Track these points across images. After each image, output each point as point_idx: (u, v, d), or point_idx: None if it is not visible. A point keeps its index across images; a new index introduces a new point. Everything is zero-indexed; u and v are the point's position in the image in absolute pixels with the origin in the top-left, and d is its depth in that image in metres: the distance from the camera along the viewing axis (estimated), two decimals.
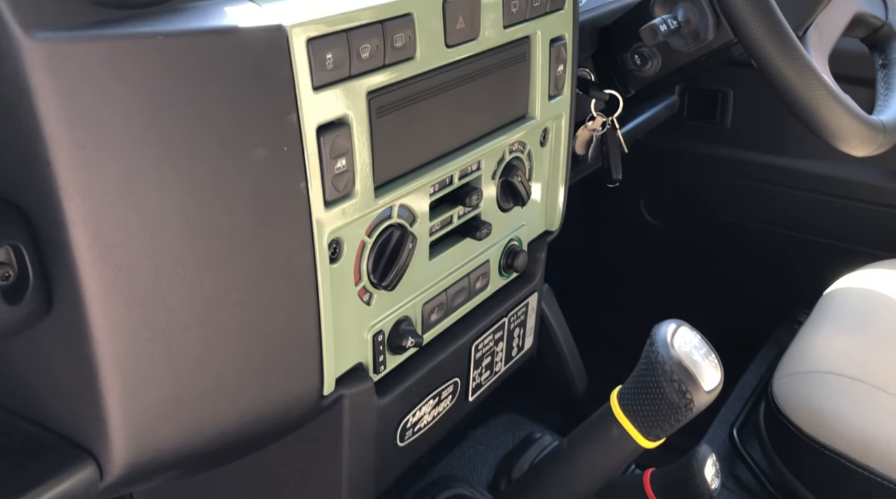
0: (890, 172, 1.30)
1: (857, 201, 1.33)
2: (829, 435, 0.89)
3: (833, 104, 0.83)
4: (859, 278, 1.15)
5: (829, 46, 1.00)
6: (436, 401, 0.73)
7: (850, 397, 0.91)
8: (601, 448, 0.65)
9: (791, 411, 0.93)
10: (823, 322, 1.06)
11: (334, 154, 0.54)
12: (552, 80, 0.76)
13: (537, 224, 0.83)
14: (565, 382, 1.08)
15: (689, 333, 0.61)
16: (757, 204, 1.45)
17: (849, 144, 0.89)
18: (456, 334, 0.73)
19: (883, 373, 0.95)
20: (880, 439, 0.88)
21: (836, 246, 1.33)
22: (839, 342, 1.00)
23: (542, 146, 0.79)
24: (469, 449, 0.96)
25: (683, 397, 0.58)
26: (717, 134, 1.45)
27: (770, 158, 1.42)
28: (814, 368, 0.96)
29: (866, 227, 1.34)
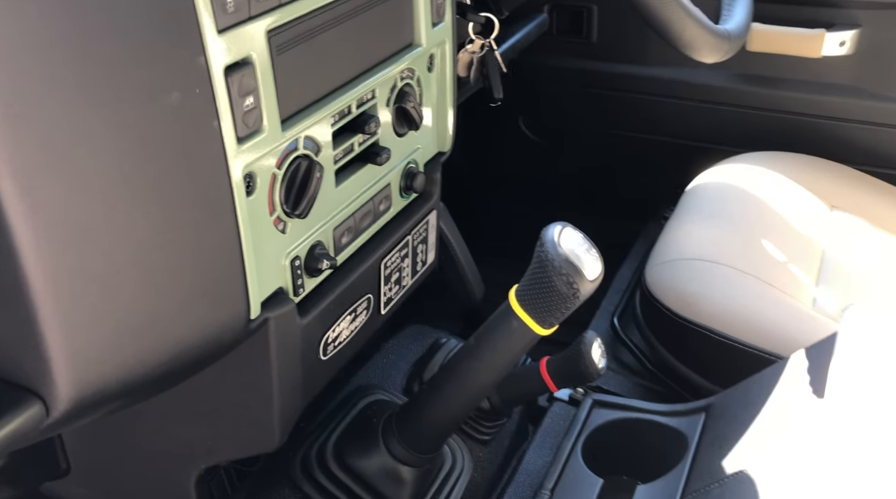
0: (737, 76, 1.43)
1: (712, 104, 1.46)
2: (697, 313, 1.02)
3: (685, 18, 0.92)
4: (716, 174, 1.29)
5: None
6: (352, 316, 0.80)
7: (711, 279, 1.05)
8: (504, 340, 0.73)
9: (662, 296, 1.06)
10: (686, 215, 1.19)
11: (242, 92, 0.57)
12: (434, 8, 0.80)
13: (431, 146, 0.88)
14: (465, 291, 1.17)
15: (573, 233, 0.69)
16: (624, 112, 1.56)
17: (700, 53, 0.98)
18: (366, 254, 0.79)
19: (738, 256, 1.08)
20: (737, 313, 1.01)
21: (696, 146, 1.46)
22: (700, 231, 1.13)
23: (429, 72, 0.84)
24: (382, 360, 1.03)
25: (571, 287, 0.66)
26: (585, 48, 1.54)
27: (634, 68, 1.52)
28: (680, 257, 1.09)
29: (721, 126, 1.48)
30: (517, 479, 0.94)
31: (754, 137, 1.41)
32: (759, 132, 1.42)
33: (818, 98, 1.38)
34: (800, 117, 1.41)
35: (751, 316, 1.00)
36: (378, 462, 0.83)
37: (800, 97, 1.39)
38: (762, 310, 1.01)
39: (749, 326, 0.99)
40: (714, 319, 1.01)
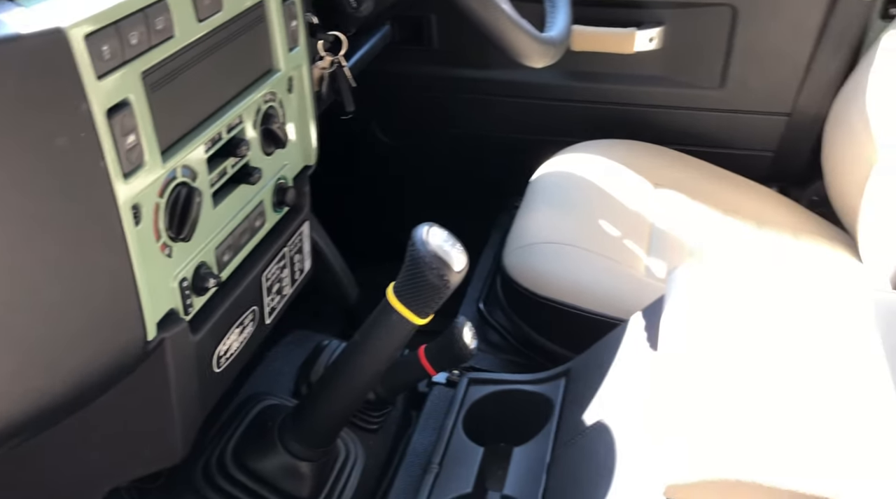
0: (566, 73, 1.58)
1: (546, 100, 1.60)
2: (550, 290, 1.15)
3: (515, 30, 1.04)
4: (555, 164, 1.42)
5: None
6: (240, 329, 0.85)
7: (560, 258, 1.17)
8: (386, 334, 0.81)
9: (520, 278, 1.17)
10: (532, 204, 1.32)
11: (124, 132, 0.61)
12: (289, 35, 0.86)
13: (298, 161, 0.95)
14: (341, 294, 1.24)
15: (438, 231, 0.78)
16: (469, 113, 1.68)
17: (531, 60, 1.10)
18: (247, 269, 0.84)
19: (581, 236, 1.22)
20: (585, 286, 1.15)
21: (537, 139, 1.60)
22: (546, 217, 1.26)
23: (289, 93, 0.90)
24: (268, 367, 1.08)
25: (442, 279, 0.75)
26: (428, 55, 1.64)
27: (474, 71, 1.64)
28: (532, 241, 1.21)
29: (556, 120, 1.62)
30: (407, 460, 1.02)
31: (586, 128, 1.56)
32: (590, 123, 1.58)
33: (636, 89, 1.55)
34: (623, 107, 1.58)
35: (596, 288, 1.13)
36: (277, 461, 0.89)
37: (620, 89, 1.56)
38: (605, 281, 1.15)
39: (595, 296, 1.13)
40: (566, 294, 1.13)
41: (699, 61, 1.51)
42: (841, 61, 1.44)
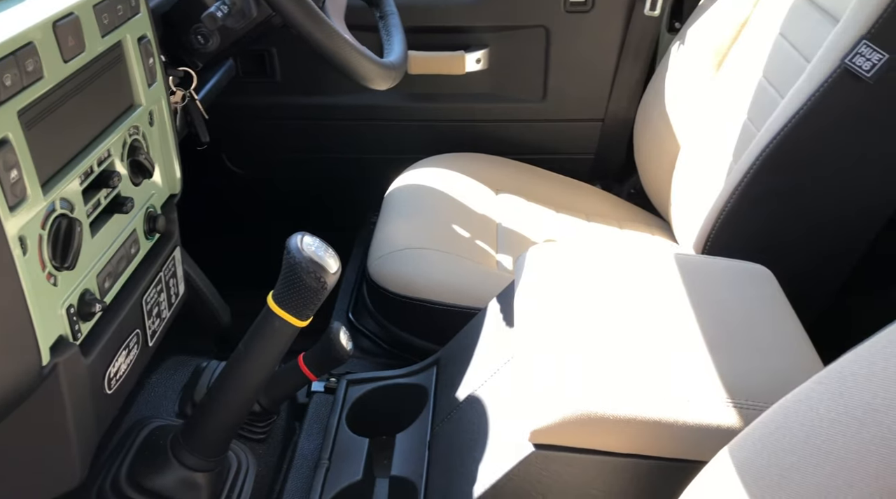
0: (406, 95, 1.70)
1: (390, 121, 1.72)
2: (415, 291, 1.25)
3: (358, 57, 1.14)
4: (406, 178, 1.54)
5: (342, 9, 1.30)
6: (127, 351, 0.88)
7: (420, 261, 1.28)
8: (270, 339, 0.88)
9: (386, 283, 1.27)
10: (389, 215, 1.42)
11: (6, 167, 0.65)
12: (147, 71, 0.92)
13: (164, 190, 0.99)
14: (213, 318, 1.27)
15: (311, 239, 0.86)
16: (317, 138, 1.76)
17: (374, 83, 1.20)
18: (128, 294, 0.88)
19: (436, 239, 1.33)
20: (444, 284, 1.26)
21: (387, 158, 1.70)
22: (404, 226, 1.36)
23: (151, 126, 0.95)
24: (150, 393, 1.11)
25: (319, 281, 0.83)
26: (272, 86, 1.71)
27: (318, 98, 1.72)
28: (392, 249, 1.31)
29: (402, 139, 1.74)
30: (296, 463, 1.08)
31: (430, 144, 1.68)
32: (434, 139, 1.71)
33: (470, 106, 1.70)
34: (461, 123, 1.72)
35: (455, 284, 1.25)
36: (173, 476, 0.93)
37: (457, 107, 1.70)
38: (462, 277, 1.26)
39: (455, 291, 1.24)
40: (429, 293, 1.24)
41: (522, 77, 1.68)
42: (640, 70, 1.65)
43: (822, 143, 1.10)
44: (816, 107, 1.07)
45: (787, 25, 1.26)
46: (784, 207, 1.15)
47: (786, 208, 1.15)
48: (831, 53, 1.06)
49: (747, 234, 1.17)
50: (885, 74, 1.00)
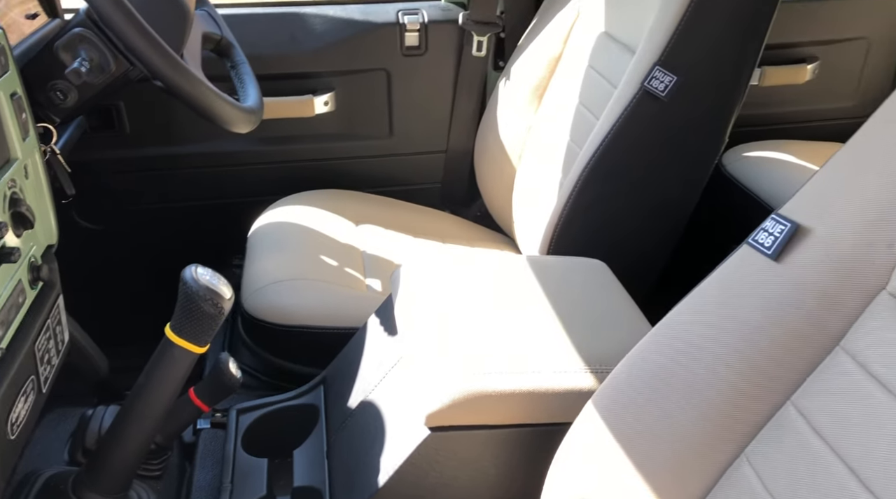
0: (261, 139, 1.77)
1: (248, 164, 1.78)
2: (293, 320, 1.32)
3: (221, 102, 1.21)
4: (269, 217, 1.61)
5: (199, 59, 1.37)
6: (24, 397, 0.90)
7: (295, 291, 1.35)
8: (170, 368, 0.93)
9: (263, 315, 1.33)
10: (256, 253, 1.48)
11: None
12: (21, 126, 0.95)
13: (43, 241, 1.02)
14: (91, 368, 1.28)
15: (202, 269, 0.92)
16: (172, 187, 1.79)
17: (236, 127, 1.28)
18: (21, 342, 0.90)
19: (305, 270, 1.41)
20: (320, 309, 1.34)
21: (245, 201, 1.76)
22: (273, 260, 1.43)
23: (27, 179, 0.98)
24: (37, 446, 1.10)
25: (216, 307, 0.90)
26: (121, 140, 1.72)
27: (169, 148, 1.75)
28: (265, 283, 1.37)
29: (260, 181, 1.80)
30: (195, 495, 1.11)
31: (289, 184, 1.76)
32: (292, 179, 1.78)
33: (323, 145, 1.80)
34: (316, 162, 1.81)
35: (331, 309, 1.33)
36: None
37: (311, 147, 1.79)
38: (337, 302, 1.35)
39: (332, 316, 1.32)
40: (308, 319, 1.31)
41: (369, 116, 1.81)
42: (474, 104, 1.83)
43: (633, 153, 1.30)
44: (625, 124, 1.27)
45: (594, 58, 1.48)
46: (610, 209, 1.34)
47: (611, 210, 1.34)
48: (633, 79, 1.27)
49: (582, 236, 1.35)
50: (675, 93, 1.22)
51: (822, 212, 0.66)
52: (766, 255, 0.68)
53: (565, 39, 1.59)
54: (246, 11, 1.68)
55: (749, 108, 1.85)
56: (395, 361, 1.04)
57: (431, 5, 1.76)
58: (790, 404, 0.67)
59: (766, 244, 0.68)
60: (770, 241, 0.68)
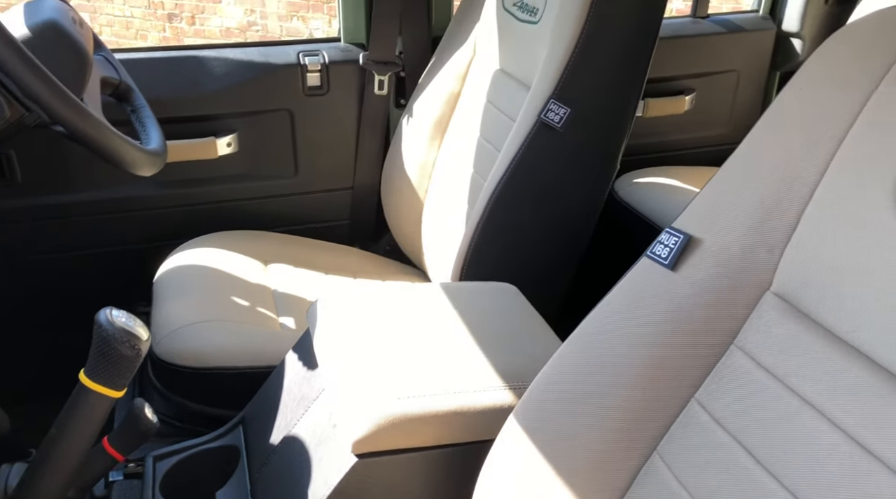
0: (164, 182, 1.74)
1: (148, 209, 1.74)
2: (207, 361, 1.30)
3: (126, 145, 1.20)
4: (175, 260, 1.58)
5: (99, 104, 1.35)
6: None
7: (208, 333, 1.34)
8: (86, 415, 0.90)
9: (176, 359, 1.31)
10: (163, 297, 1.46)
11: None
12: None
13: None
14: None
15: (116, 311, 0.91)
16: (70, 236, 1.73)
17: (142, 170, 1.27)
18: None
19: (218, 311, 1.40)
20: (235, 350, 1.33)
21: (149, 246, 1.73)
22: (183, 303, 1.41)
23: None
24: None
25: (134, 349, 0.88)
26: (13, 190, 1.66)
27: (66, 196, 1.70)
28: (176, 327, 1.35)
29: (162, 225, 1.77)
30: None
31: (193, 227, 1.74)
32: (197, 222, 1.76)
33: (229, 186, 1.79)
34: (222, 203, 1.80)
35: (246, 349, 1.33)
36: None
37: (216, 189, 1.78)
38: (251, 342, 1.34)
39: (247, 355, 1.32)
40: (223, 360, 1.30)
41: (274, 156, 1.82)
42: (378, 141, 1.87)
43: (534, 181, 1.37)
44: (526, 154, 1.34)
45: (492, 94, 1.55)
46: (516, 235, 1.40)
47: (517, 236, 1.40)
48: (530, 112, 1.34)
49: (492, 262, 1.40)
50: (570, 124, 1.30)
51: (710, 223, 0.73)
52: (664, 265, 0.74)
53: (463, 77, 1.66)
54: (144, 55, 1.67)
55: (636, 138, 1.98)
56: (317, 394, 1.05)
57: (331, 47, 1.80)
58: (694, 400, 0.73)
59: (663, 255, 0.74)
60: (666, 252, 0.74)
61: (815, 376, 0.64)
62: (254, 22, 5.42)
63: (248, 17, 5.42)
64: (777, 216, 0.69)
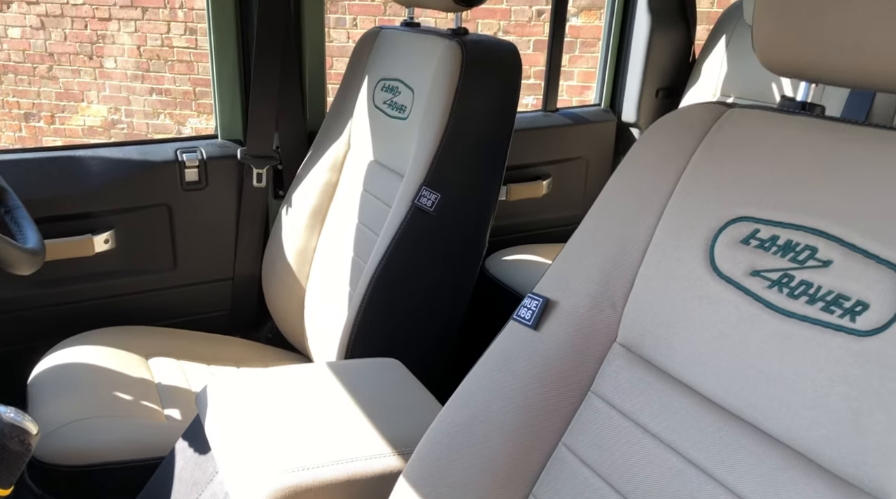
0: (37, 282, 1.71)
1: (23, 309, 1.70)
2: (92, 458, 1.28)
3: (2, 245, 1.21)
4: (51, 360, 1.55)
5: None
6: None
7: (91, 429, 1.32)
8: None
9: (58, 459, 1.28)
10: (43, 397, 1.43)
11: None
12: None
13: None
14: None
15: (3, 407, 0.91)
16: None
17: (19, 269, 1.27)
18: None
19: (102, 407, 1.38)
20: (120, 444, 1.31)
21: (25, 346, 1.68)
22: (63, 402, 1.39)
23: None
24: None
25: (23, 444, 0.89)
26: None
27: None
28: (58, 425, 1.33)
29: (37, 325, 1.73)
30: None
31: (70, 325, 1.71)
32: (73, 320, 1.74)
33: (109, 282, 1.78)
34: (100, 300, 1.78)
35: (131, 442, 1.32)
36: None
37: (95, 285, 1.77)
38: (137, 435, 1.34)
39: (134, 449, 1.31)
40: (108, 456, 1.28)
41: (152, 251, 1.83)
42: (258, 231, 1.93)
43: (412, 262, 1.47)
44: (403, 237, 1.44)
45: (368, 182, 1.66)
46: (397, 313, 1.49)
47: (399, 314, 1.49)
48: (405, 198, 1.46)
49: (375, 341, 1.48)
50: (441, 208, 1.42)
51: (563, 286, 0.85)
52: (528, 325, 0.85)
53: (340, 168, 1.77)
54: (17, 156, 1.67)
55: (502, 219, 2.15)
56: (210, 477, 1.07)
57: (209, 143, 1.87)
58: (562, 444, 0.82)
59: (527, 318, 0.85)
60: (529, 315, 0.85)
61: (658, 411, 0.76)
62: (118, 120, 5.37)
63: (112, 116, 5.37)
64: (617, 277, 0.81)
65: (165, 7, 4.98)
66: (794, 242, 0.67)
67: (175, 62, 5.10)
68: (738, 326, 0.70)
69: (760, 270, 0.70)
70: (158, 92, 5.20)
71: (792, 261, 0.67)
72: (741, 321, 0.70)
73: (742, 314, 0.70)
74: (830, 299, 0.63)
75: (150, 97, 5.23)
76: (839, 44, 0.66)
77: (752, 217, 0.72)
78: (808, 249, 0.66)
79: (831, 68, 0.67)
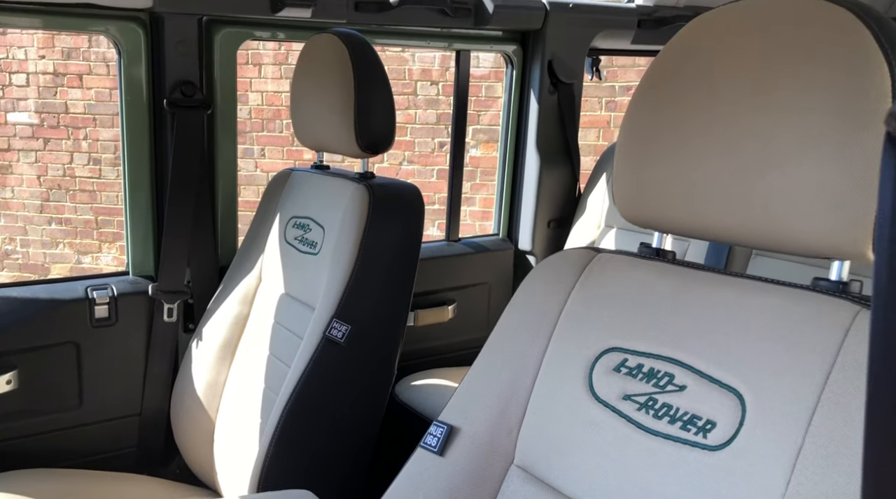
0: None
1: None
2: None
3: None
4: None
5: None
6: None
7: None
8: None
9: None
10: None
11: None
12: None
13: None
14: None
15: None
16: None
17: None
18: None
19: None
20: None
21: None
22: None
23: None
24: None
25: None
26: None
27: None
28: None
29: None
30: None
31: None
32: None
33: (7, 425, 1.74)
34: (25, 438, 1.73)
35: None
36: None
37: None
38: None
39: None
40: None
41: (57, 391, 1.81)
42: (167, 365, 1.93)
43: (324, 392, 1.52)
44: (314, 368, 1.50)
45: (279, 315, 1.73)
46: (310, 443, 1.52)
47: (311, 444, 1.52)
48: (316, 330, 1.53)
49: (288, 472, 1.50)
50: (351, 338, 1.50)
51: (465, 413, 0.93)
52: (434, 452, 0.92)
53: (251, 301, 1.83)
54: None
55: (410, 344, 2.23)
56: None
57: (120, 280, 1.90)
58: None
59: (432, 444, 0.93)
60: (434, 441, 0.93)
61: None
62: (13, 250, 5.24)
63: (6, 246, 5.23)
64: (511, 405, 0.91)
65: (69, 138, 5.00)
66: (656, 370, 0.79)
67: (77, 191, 5.08)
68: (615, 445, 0.80)
69: (631, 395, 0.81)
70: (58, 221, 5.14)
71: (655, 386, 0.78)
72: (617, 440, 0.80)
73: (618, 434, 0.80)
74: (687, 419, 0.75)
75: (48, 227, 5.15)
76: (679, 201, 0.81)
77: (621, 347, 0.84)
78: (668, 376, 0.78)
79: (673, 222, 0.82)
